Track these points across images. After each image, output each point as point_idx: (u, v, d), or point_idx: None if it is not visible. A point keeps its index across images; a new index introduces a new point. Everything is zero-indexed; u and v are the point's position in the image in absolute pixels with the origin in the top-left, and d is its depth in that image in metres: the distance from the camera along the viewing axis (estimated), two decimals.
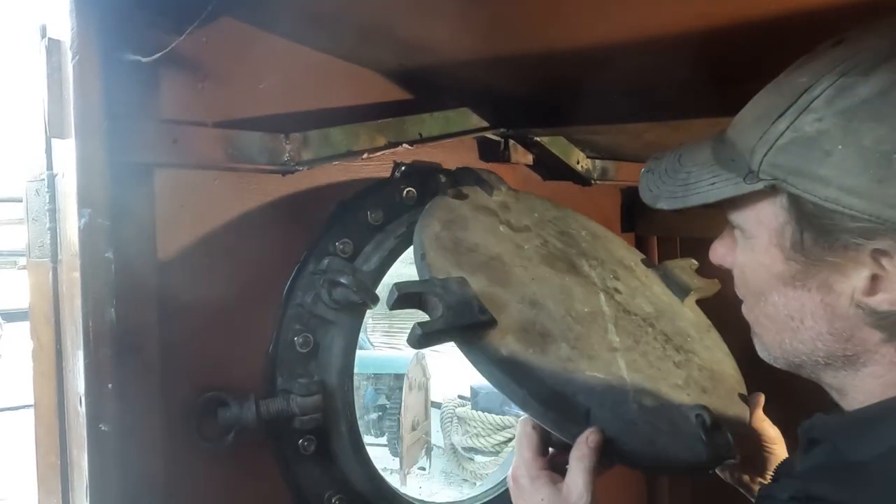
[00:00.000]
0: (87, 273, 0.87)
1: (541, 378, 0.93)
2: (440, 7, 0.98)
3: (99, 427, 0.87)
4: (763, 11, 0.84)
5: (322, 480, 1.22)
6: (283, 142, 1.11)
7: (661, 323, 1.19)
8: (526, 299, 1.03)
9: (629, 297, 1.19)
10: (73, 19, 0.86)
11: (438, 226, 1.07)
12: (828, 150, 0.66)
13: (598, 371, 1.00)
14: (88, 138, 0.87)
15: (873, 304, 0.70)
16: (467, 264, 1.02)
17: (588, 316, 1.08)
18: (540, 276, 1.09)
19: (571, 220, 1.32)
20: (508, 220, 1.19)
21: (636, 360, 1.06)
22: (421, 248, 1.02)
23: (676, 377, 1.08)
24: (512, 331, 0.96)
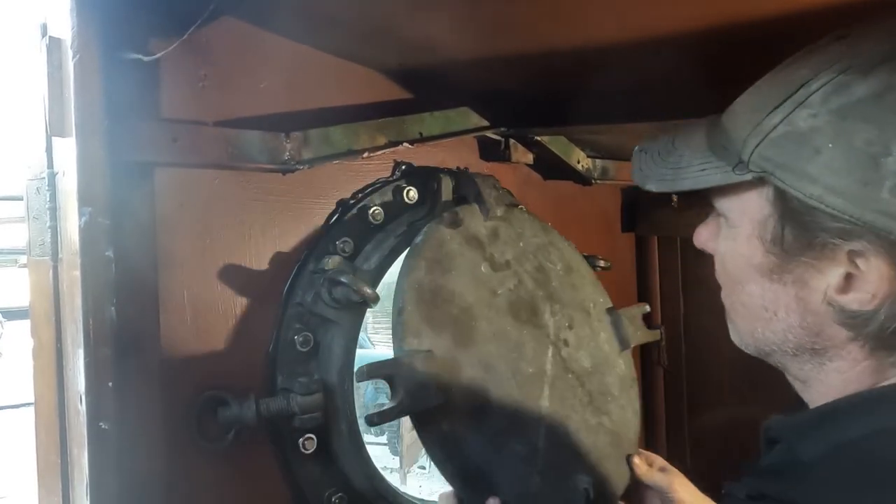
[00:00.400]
0: (87, 271, 0.87)
1: (468, 455, 1.08)
2: (441, 7, 0.98)
3: (99, 425, 0.87)
4: (763, 11, 0.84)
5: (322, 479, 1.22)
6: (284, 141, 1.11)
7: (592, 381, 1.32)
8: (481, 362, 1.16)
9: (574, 350, 1.32)
10: (73, 18, 0.86)
11: (423, 269, 1.15)
12: (818, 147, 0.66)
13: (521, 444, 1.16)
14: (89, 137, 0.87)
15: (844, 303, 0.70)
16: (438, 321, 1.12)
17: (530, 378, 1.22)
18: (500, 331, 1.21)
19: (552, 251, 1.39)
20: (493, 254, 1.27)
21: (556, 428, 1.22)
22: (401, 299, 1.11)
23: (584, 445, 1.24)
24: (457, 407, 1.09)
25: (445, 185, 1.33)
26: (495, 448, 1.12)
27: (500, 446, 1.13)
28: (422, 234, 1.18)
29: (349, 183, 1.28)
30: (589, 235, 1.73)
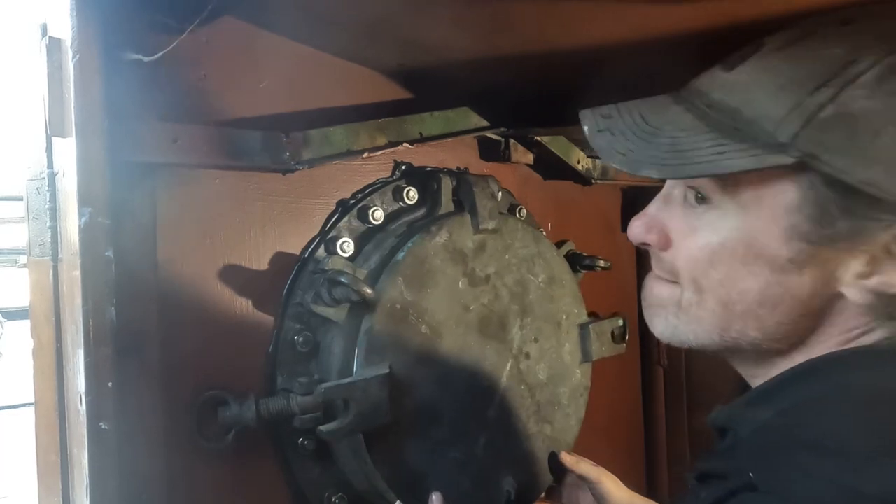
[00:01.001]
0: (87, 272, 0.87)
1: (407, 463, 1.18)
2: (441, 7, 0.98)
3: (99, 426, 0.87)
4: (763, 11, 0.84)
5: (322, 479, 1.23)
6: (284, 141, 1.11)
7: (543, 393, 1.41)
8: (439, 380, 1.23)
9: (534, 363, 1.40)
10: (73, 18, 0.86)
11: (400, 287, 1.19)
12: (877, 129, 0.63)
13: (459, 452, 1.25)
14: (89, 137, 0.87)
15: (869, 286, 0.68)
16: (404, 339, 1.19)
17: (482, 392, 1.30)
18: (465, 346, 1.28)
19: (538, 263, 1.42)
20: (474, 269, 1.30)
21: (496, 437, 1.31)
22: (371, 318, 1.16)
23: (519, 450, 1.34)
24: (404, 422, 1.17)
25: (445, 185, 1.33)
26: (435, 456, 1.21)
27: (440, 455, 1.22)
28: (404, 251, 1.21)
29: (349, 183, 1.29)
30: (589, 235, 1.73)
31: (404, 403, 1.17)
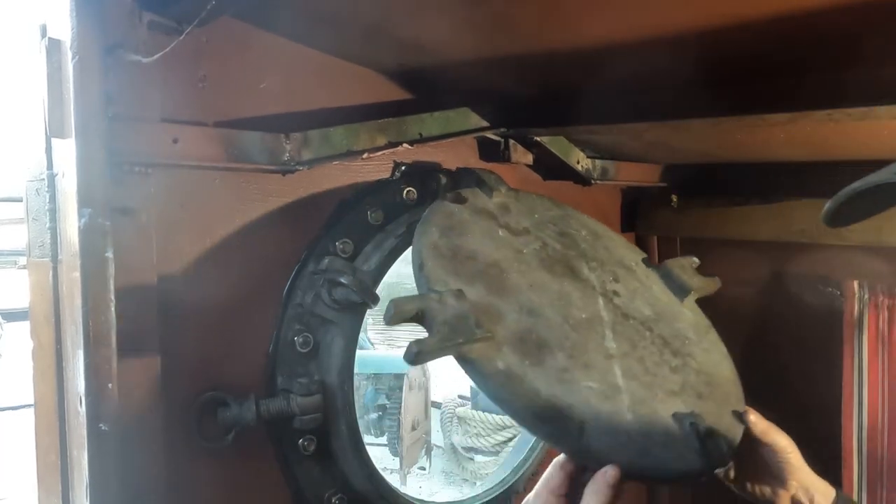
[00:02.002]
0: (87, 273, 0.87)
1: (536, 390, 0.92)
2: (440, 7, 0.98)
3: (99, 427, 0.87)
4: (763, 12, 0.84)
5: (322, 480, 1.22)
6: (284, 141, 1.11)
7: (660, 326, 1.18)
8: (523, 308, 1.03)
9: (628, 300, 1.19)
10: (73, 19, 0.86)
11: (437, 233, 1.06)
12: None
13: (594, 381, 1.00)
14: (88, 138, 0.87)
15: None
16: (465, 273, 1.02)
17: (585, 322, 1.09)
18: (538, 282, 1.10)
19: (572, 220, 1.31)
20: (507, 223, 1.19)
21: (632, 366, 1.06)
22: (419, 257, 1.01)
23: (673, 383, 1.08)
24: (508, 343, 0.96)
25: (444, 185, 1.33)
26: (565, 385, 0.97)
27: (571, 383, 0.97)
28: (427, 210, 1.09)
29: (349, 184, 1.28)
30: None
31: (496, 330, 0.96)
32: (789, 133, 1.21)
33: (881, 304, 1.73)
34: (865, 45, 0.92)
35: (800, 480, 1.12)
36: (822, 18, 0.83)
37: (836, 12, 0.81)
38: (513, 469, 1.53)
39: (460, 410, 6.45)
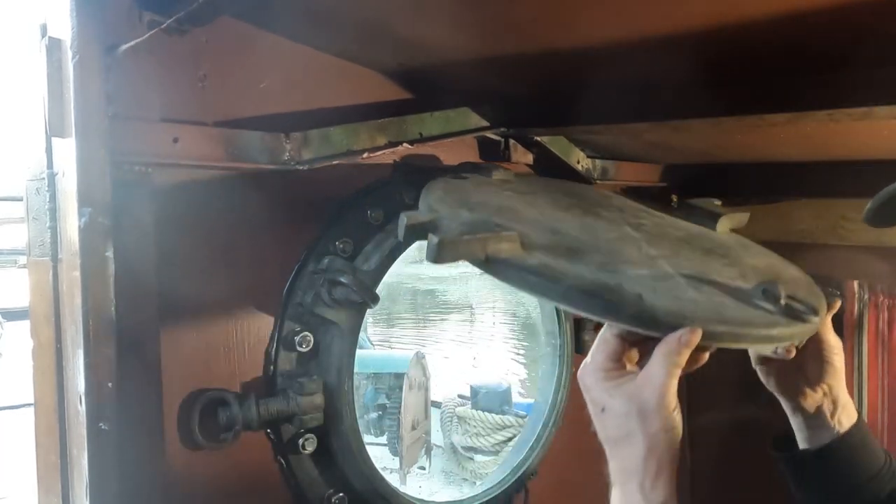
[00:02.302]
0: (87, 272, 0.87)
1: (580, 274, 0.84)
2: (440, 7, 0.98)
3: (99, 426, 0.87)
4: (763, 12, 0.84)
5: (322, 479, 1.23)
6: (284, 141, 1.11)
7: (698, 241, 1.10)
8: (547, 229, 0.96)
9: (657, 228, 1.11)
10: (73, 19, 0.86)
11: (441, 191, 1.02)
12: None
13: (642, 269, 0.91)
14: (89, 137, 0.87)
15: None
16: (478, 210, 0.96)
17: (616, 239, 1.01)
18: (558, 217, 1.04)
19: (576, 185, 1.29)
20: (512, 188, 1.15)
21: (680, 262, 0.97)
22: (426, 202, 0.96)
23: (730, 273, 0.98)
24: (538, 248, 0.88)
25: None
26: (610, 272, 0.88)
27: (616, 272, 0.88)
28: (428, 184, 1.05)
29: (349, 183, 1.28)
30: None
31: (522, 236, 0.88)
32: (789, 133, 1.21)
33: (881, 304, 1.73)
34: (865, 45, 0.92)
35: (832, 387, 1.03)
36: (822, 18, 0.83)
37: (837, 12, 0.81)
38: (512, 469, 1.53)
39: (460, 410, 6.45)
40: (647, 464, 0.81)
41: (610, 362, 0.86)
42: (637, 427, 0.82)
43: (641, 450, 0.81)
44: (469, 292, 6.20)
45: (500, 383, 6.31)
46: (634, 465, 0.82)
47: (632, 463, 0.82)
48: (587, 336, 1.65)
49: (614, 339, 0.87)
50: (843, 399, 1.03)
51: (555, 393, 1.58)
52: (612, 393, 0.84)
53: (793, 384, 1.04)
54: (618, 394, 0.83)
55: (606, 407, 0.85)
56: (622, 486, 0.83)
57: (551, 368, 1.61)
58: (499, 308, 6.82)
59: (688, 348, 0.80)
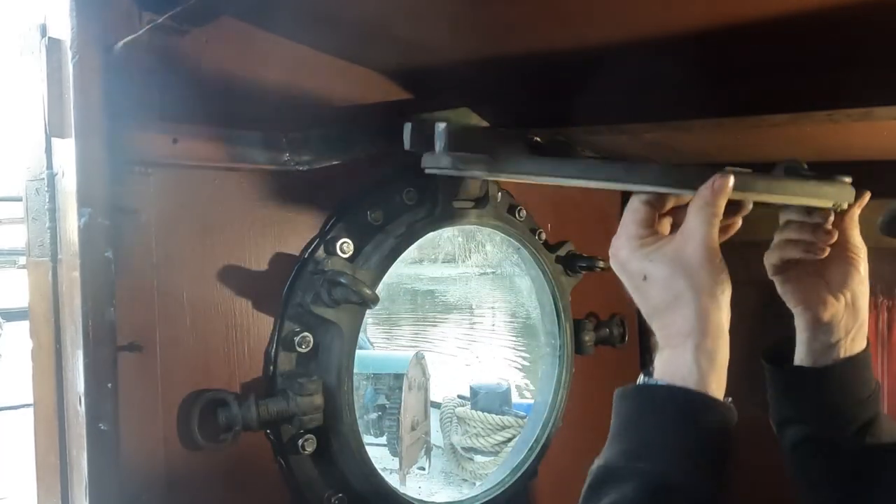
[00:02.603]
0: (86, 272, 0.87)
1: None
2: (440, 7, 0.98)
3: (98, 427, 0.87)
4: (763, 12, 0.84)
5: (322, 480, 1.22)
6: (283, 142, 1.11)
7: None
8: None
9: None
10: (73, 19, 0.86)
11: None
12: None
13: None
14: (88, 138, 0.87)
15: None
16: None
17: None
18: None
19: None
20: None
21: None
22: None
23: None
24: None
25: (445, 185, 1.33)
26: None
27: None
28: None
29: (348, 184, 1.28)
30: (588, 236, 1.73)
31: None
32: (789, 133, 1.21)
33: (881, 304, 1.73)
34: (865, 45, 0.92)
35: (855, 297, 0.98)
36: (821, 18, 0.83)
37: (837, 12, 0.81)
38: (512, 469, 1.53)
39: (460, 410, 6.44)
40: (702, 323, 0.77)
41: (643, 229, 0.83)
42: (685, 287, 0.77)
43: (693, 309, 0.77)
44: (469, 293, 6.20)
45: (499, 384, 6.31)
46: (688, 327, 0.77)
47: (685, 325, 0.78)
48: (587, 336, 1.65)
49: (643, 205, 0.83)
50: (863, 317, 0.99)
51: (554, 393, 1.58)
52: (651, 258, 0.80)
53: (813, 292, 0.99)
54: (658, 257, 0.79)
55: (648, 274, 0.80)
56: (673, 349, 0.79)
57: (551, 369, 1.61)
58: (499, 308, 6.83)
59: (723, 195, 0.77)
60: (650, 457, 0.76)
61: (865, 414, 1.01)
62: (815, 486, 1.04)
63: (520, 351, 5.68)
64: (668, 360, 0.80)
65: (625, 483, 0.75)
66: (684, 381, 0.78)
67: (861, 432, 1.00)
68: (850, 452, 0.99)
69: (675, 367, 0.79)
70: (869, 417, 1.01)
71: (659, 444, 0.77)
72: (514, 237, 1.49)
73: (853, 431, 1.00)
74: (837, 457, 1.00)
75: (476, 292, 5.63)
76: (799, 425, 1.04)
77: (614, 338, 1.73)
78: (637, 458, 0.77)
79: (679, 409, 0.78)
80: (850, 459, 0.99)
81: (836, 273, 0.98)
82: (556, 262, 1.59)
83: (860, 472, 0.99)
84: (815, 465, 1.03)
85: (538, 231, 1.58)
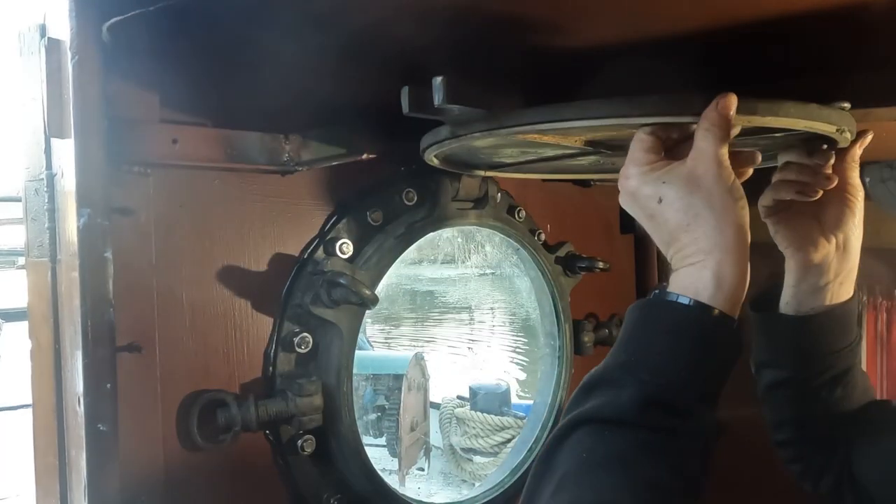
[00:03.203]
0: (86, 273, 0.86)
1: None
2: (440, 7, 0.98)
3: (97, 427, 0.87)
4: (763, 11, 0.84)
5: (321, 481, 1.22)
6: (283, 142, 1.11)
7: None
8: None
9: None
10: (73, 19, 0.86)
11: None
12: None
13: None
14: (88, 138, 0.87)
15: None
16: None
17: None
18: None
19: None
20: None
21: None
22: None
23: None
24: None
25: (444, 186, 1.33)
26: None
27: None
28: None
29: (348, 184, 1.28)
30: (588, 236, 1.73)
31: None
32: None
33: (879, 305, 1.73)
34: (866, 46, 0.92)
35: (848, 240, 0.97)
36: (821, 18, 0.83)
37: (837, 12, 0.81)
38: (511, 470, 1.53)
39: (459, 411, 6.44)
40: (724, 238, 0.75)
41: (651, 155, 0.82)
42: (702, 204, 0.76)
43: (713, 226, 0.76)
44: (468, 293, 6.20)
45: (499, 384, 6.31)
46: (710, 244, 0.76)
47: (706, 242, 0.76)
48: (586, 337, 1.65)
49: (649, 135, 0.82)
50: (853, 262, 0.98)
51: (554, 394, 1.58)
52: (664, 179, 0.79)
53: (805, 234, 0.98)
54: (670, 178, 0.78)
55: (663, 196, 0.79)
56: (692, 266, 0.77)
57: (550, 369, 1.61)
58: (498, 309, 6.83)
59: (727, 114, 0.76)
60: (652, 368, 0.74)
61: (840, 364, 1.02)
62: (782, 426, 1.08)
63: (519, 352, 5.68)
64: (686, 275, 0.78)
65: (619, 389, 0.73)
66: (697, 295, 0.76)
67: (833, 382, 1.02)
68: (819, 401, 1.02)
69: (691, 282, 0.77)
70: (843, 368, 1.02)
71: (665, 356, 0.75)
72: (514, 238, 1.49)
73: (826, 380, 1.02)
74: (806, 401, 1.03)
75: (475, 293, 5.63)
76: (775, 369, 1.06)
77: (614, 338, 1.72)
78: (636, 367, 0.75)
79: (689, 320, 0.76)
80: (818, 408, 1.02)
81: (831, 214, 0.98)
82: (556, 262, 1.59)
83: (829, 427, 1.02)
84: (785, 408, 1.06)
85: (537, 231, 1.58)
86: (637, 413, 0.72)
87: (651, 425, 0.72)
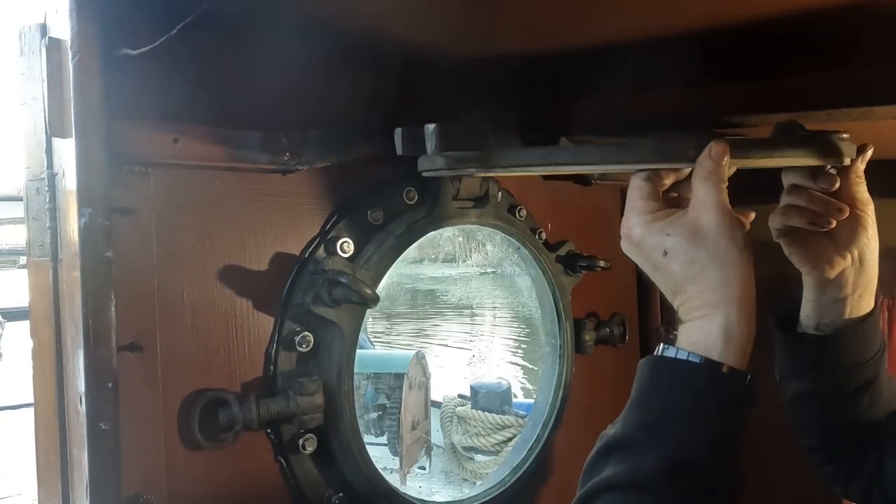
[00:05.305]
0: (87, 272, 0.87)
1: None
2: (440, 7, 0.98)
3: (99, 426, 0.87)
4: (764, 11, 0.84)
5: (322, 480, 1.22)
6: (283, 141, 1.11)
7: None
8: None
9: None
10: (73, 18, 0.86)
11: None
12: None
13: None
14: (89, 137, 0.87)
15: None
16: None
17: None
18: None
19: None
20: None
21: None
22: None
23: None
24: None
25: (445, 185, 1.33)
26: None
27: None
28: None
29: (349, 183, 1.28)
30: (588, 236, 1.73)
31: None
32: None
33: (881, 304, 1.72)
34: (865, 45, 0.92)
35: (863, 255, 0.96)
36: (821, 18, 0.83)
37: (837, 11, 0.81)
38: (512, 469, 1.53)
39: (460, 410, 6.44)
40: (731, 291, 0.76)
41: (651, 202, 0.82)
42: (707, 257, 0.76)
43: (719, 278, 0.76)
44: (469, 292, 6.20)
45: (500, 383, 6.31)
46: (717, 297, 0.76)
47: (713, 296, 0.76)
48: (587, 336, 1.65)
49: (645, 182, 0.82)
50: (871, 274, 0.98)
51: (555, 393, 1.58)
52: (667, 231, 0.79)
53: (819, 252, 0.98)
54: (674, 230, 0.79)
55: (668, 248, 0.79)
56: (700, 319, 0.77)
57: (551, 368, 1.61)
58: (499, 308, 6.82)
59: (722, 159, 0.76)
60: (670, 432, 0.74)
61: (866, 375, 1.02)
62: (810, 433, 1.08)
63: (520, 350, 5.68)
64: (695, 329, 0.78)
65: (639, 454, 0.74)
66: (707, 351, 0.76)
67: (859, 391, 1.01)
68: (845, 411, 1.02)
69: (701, 338, 0.77)
70: (869, 378, 1.02)
71: (682, 419, 0.75)
72: (515, 237, 1.49)
73: (852, 390, 1.01)
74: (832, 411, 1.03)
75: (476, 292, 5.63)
76: (800, 381, 1.06)
77: (615, 337, 1.73)
78: (655, 431, 0.75)
79: (703, 381, 0.76)
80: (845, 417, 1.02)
81: (843, 231, 0.97)
82: (557, 261, 1.59)
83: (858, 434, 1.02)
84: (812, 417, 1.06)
85: (538, 230, 1.58)
86: (659, 480, 0.72)
87: (674, 491, 0.72)
